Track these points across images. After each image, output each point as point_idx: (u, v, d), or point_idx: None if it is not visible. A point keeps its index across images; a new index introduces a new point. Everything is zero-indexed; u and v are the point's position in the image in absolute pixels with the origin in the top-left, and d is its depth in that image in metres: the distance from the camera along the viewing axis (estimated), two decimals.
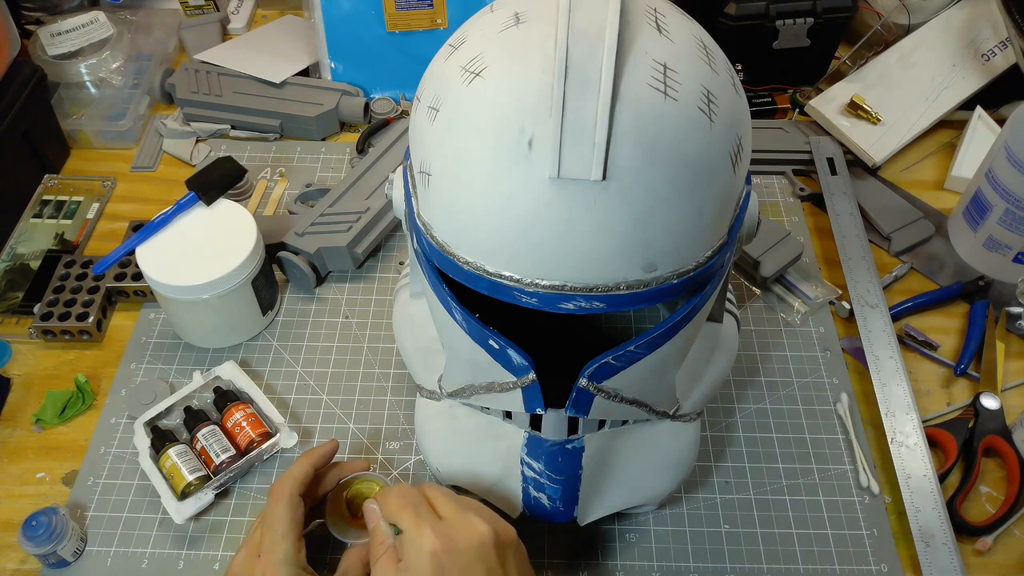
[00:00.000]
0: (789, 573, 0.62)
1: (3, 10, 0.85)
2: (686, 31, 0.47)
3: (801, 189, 0.89)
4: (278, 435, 0.67)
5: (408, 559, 0.48)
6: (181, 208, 0.73)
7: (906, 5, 0.97)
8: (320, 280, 0.81)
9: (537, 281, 0.46)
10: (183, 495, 0.64)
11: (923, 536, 0.62)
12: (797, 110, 0.97)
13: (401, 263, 0.82)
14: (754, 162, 0.89)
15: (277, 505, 0.55)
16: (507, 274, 0.47)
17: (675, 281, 0.47)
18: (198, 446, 0.66)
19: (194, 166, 0.91)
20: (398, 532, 0.50)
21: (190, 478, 0.64)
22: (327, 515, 0.58)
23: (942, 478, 0.66)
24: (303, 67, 0.98)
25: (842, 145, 0.90)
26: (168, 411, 0.69)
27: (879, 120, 0.90)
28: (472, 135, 0.45)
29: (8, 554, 0.64)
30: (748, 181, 0.53)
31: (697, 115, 0.44)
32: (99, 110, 0.95)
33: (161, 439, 0.66)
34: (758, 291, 0.80)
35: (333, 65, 0.97)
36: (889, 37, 0.97)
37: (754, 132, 0.53)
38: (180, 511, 0.63)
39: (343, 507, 0.59)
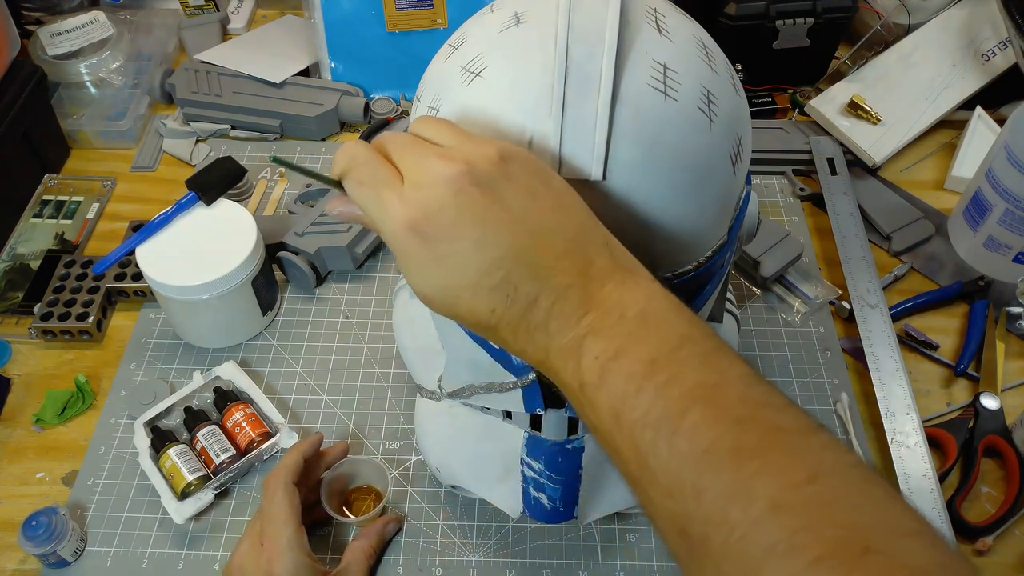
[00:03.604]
0: None
1: (3, 10, 0.85)
2: (686, 31, 0.47)
3: (801, 189, 0.89)
4: (278, 435, 0.67)
5: (417, 179, 0.38)
6: (181, 208, 0.73)
7: (906, 5, 0.97)
8: (320, 280, 0.81)
9: None
10: (183, 495, 0.64)
11: None
12: (797, 110, 0.96)
13: None
14: (754, 162, 0.89)
15: (275, 495, 0.57)
16: None
17: (675, 281, 0.47)
18: (198, 446, 0.66)
19: (194, 166, 0.91)
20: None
21: (190, 478, 0.64)
22: (323, 498, 0.61)
23: (942, 478, 0.66)
24: (303, 67, 0.98)
25: (842, 145, 0.90)
26: (168, 411, 0.69)
27: (879, 120, 0.90)
28: None
29: (8, 554, 0.64)
30: (748, 181, 0.53)
31: (697, 115, 0.44)
32: (99, 110, 0.95)
33: (161, 439, 0.66)
34: (758, 291, 0.80)
35: (333, 65, 0.97)
36: (889, 37, 0.97)
37: (754, 132, 0.53)
38: (180, 511, 0.63)
39: (338, 498, 0.64)
